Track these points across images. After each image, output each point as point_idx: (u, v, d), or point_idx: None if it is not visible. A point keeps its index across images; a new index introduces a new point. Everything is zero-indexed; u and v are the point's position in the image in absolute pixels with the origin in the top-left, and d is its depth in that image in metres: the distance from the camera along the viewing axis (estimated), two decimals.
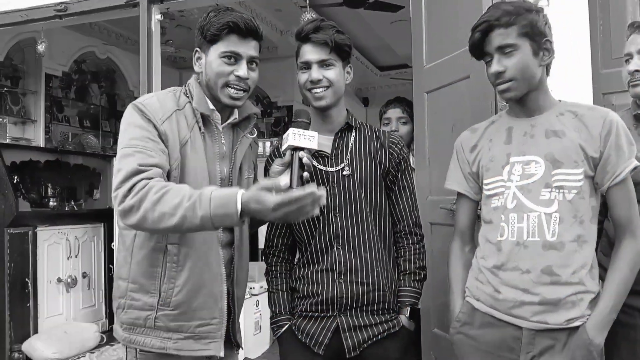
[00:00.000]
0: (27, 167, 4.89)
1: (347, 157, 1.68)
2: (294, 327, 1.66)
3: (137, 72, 6.25)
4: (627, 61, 1.74)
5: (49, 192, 4.97)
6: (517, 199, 1.44)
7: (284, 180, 1.46)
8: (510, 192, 1.46)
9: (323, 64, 1.62)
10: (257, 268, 4.10)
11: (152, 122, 1.45)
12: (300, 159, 1.47)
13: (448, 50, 2.25)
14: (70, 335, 4.08)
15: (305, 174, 1.48)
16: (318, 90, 1.63)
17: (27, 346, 3.91)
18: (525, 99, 1.48)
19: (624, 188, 1.41)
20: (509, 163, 1.48)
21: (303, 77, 1.65)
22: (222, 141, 1.59)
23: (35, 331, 4.09)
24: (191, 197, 1.27)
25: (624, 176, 1.40)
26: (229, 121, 1.62)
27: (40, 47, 3.83)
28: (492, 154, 1.52)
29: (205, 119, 1.55)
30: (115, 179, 1.37)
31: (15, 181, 4.42)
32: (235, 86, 1.52)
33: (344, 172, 1.66)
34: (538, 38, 1.42)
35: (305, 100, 1.69)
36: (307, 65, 1.63)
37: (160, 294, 1.48)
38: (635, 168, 1.41)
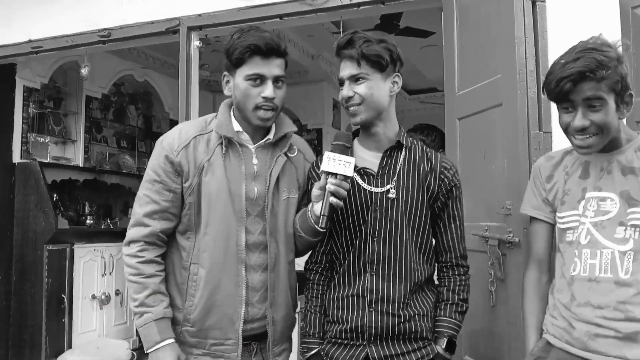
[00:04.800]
0: (66, 186, 5.06)
1: (395, 178, 1.59)
2: (322, 353, 1.60)
3: (172, 94, 6.48)
4: None
5: (86, 210, 5.13)
6: (591, 234, 1.41)
7: (317, 208, 1.50)
8: (584, 228, 1.42)
9: (353, 79, 1.55)
10: None
11: (169, 155, 1.57)
12: (332, 192, 1.45)
13: (480, 77, 2.27)
14: (102, 351, 4.17)
15: (335, 200, 1.46)
16: (351, 107, 1.57)
17: None
18: None
19: None
20: (584, 198, 1.44)
21: (339, 94, 1.60)
22: (254, 161, 1.61)
23: (70, 346, 4.19)
24: (148, 310, 1.53)
25: None
26: (262, 141, 1.63)
27: (84, 71, 3.99)
28: (568, 187, 1.49)
29: (230, 140, 1.58)
30: (131, 219, 1.62)
31: (54, 199, 4.58)
32: (263, 107, 1.54)
33: (390, 195, 1.58)
34: (623, 92, 1.37)
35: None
36: (341, 82, 1.59)
37: (184, 310, 1.58)
38: None
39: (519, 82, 2.02)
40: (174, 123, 6.67)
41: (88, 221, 5.03)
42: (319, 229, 1.52)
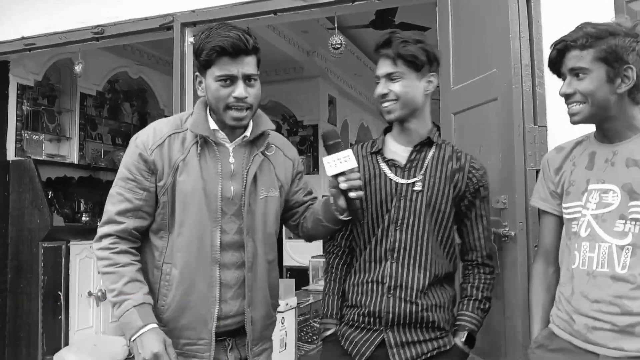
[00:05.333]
0: (61, 183, 5.05)
1: (422, 172, 1.63)
2: (339, 333, 1.65)
3: (167, 91, 6.46)
4: None
5: (82, 208, 5.12)
6: (591, 227, 1.41)
7: (342, 203, 1.52)
8: (585, 220, 1.43)
9: (389, 77, 1.60)
10: (283, 285, 4.13)
11: (143, 153, 1.54)
12: (345, 190, 1.47)
13: (475, 72, 2.27)
14: (99, 348, 4.17)
15: (355, 194, 1.47)
16: (386, 104, 1.61)
17: (58, 358, 4.02)
18: (602, 126, 1.45)
19: None
20: (587, 190, 1.44)
21: (375, 91, 1.64)
22: (231, 160, 1.59)
23: (66, 343, 4.20)
24: (124, 299, 1.48)
25: None
26: (237, 139, 1.61)
27: (77, 68, 3.98)
28: (574, 178, 1.49)
29: (205, 139, 1.56)
30: (103, 216, 1.59)
31: (49, 196, 4.57)
32: (235, 107, 1.51)
33: (415, 188, 1.62)
34: (617, 64, 1.37)
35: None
36: (377, 79, 1.63)
37: (156, 309, 1.54)
38: None
39: (514, 76, 2.02)
40: None
41: (83, 218, 5.02)
42: (343, 218, 1.58)
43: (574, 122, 1.47)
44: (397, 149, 1.68)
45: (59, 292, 4.17)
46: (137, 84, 6.31)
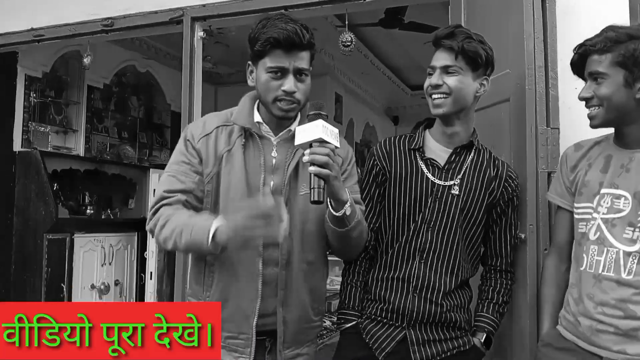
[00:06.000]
0: (67, 175, 5.05)
1: (459, 176, 1.62)
2: (361, 326, 1.63)
3: (174, 86, 6.45)
4: None
5: (87, 200, 5.12)
6: (601, 231, 1.42)
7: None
8: (595, 223, 1.43)
9: (446, 70, 1.55)
10: None
11: (190, 141, 1.56)
12: (309, 162, 1.35)
13: None
14: None
15: (313, 168, 1.34)
16: (437, 96, 1.57)
17: None
18: (622, 130, 1.45)
19: None
20: (599, 193, 1.45)
21: (427, 81, 1.60)
22: (274, 154, 1.56)
23: None
24: (184, 224, 1.41)
25: None
26: (282, 133, 1.58)
27: (86, 60, 3.97)
28: (588, 178, 1.49)
29: (249, 131, 1.55)
30: (152, 200, 1.55)
31: (55, 188, 4.57)
32: (284, 100, 1.49)
33: (453, 191, 1.60)
34: (636, 69, 1.36)
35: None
36: (432, 70, 1.59)
37: (203, 300, 1.54)
38: None
39: (528, 77, 2.00)
40: (175, 115, 6.68)
41: (88, 211, 5.02)
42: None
43: (592, 126, 1.47)
44: (437, 149, 1.65)
45: (62, 284, 4.17)
46: (145, 78, 6.31)
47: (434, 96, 1.58)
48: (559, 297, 1.57)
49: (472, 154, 1.65)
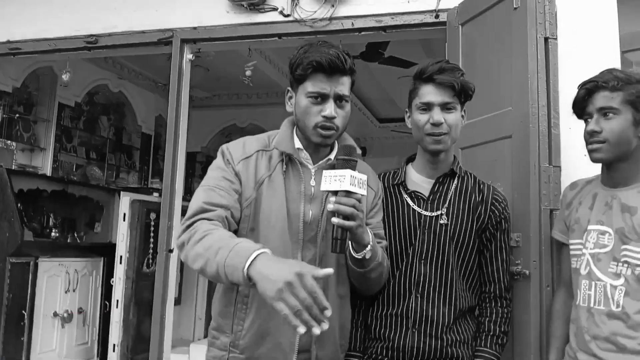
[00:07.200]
0: (32, 195, 4.81)
1: (445, 205, 1.61)
2: None
3: (146, 107, 6.33)
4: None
5: (51, 222, 4.88)
6: (590, 266, 1.49)
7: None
8: (585, 258, 1.51)
9: (445, 107, 1.54)
10: None
11: (230, 162, 1.48)
12: (332, 211, 1.32)
13: (486, 109, 2.29)
14: None
15: (336, 220, 1.31)
16: (439, 134, 1.55)
17: None
18: (612, 167, 1.52)
19: None
20: (587, 229, 1.53)
21: (423, 118, 1.56)
22: (312, 182, 1.51)
23: None
24: (222, 243, 1.26)
25: None
26: (320, 162, 1.54)
27: (65, 77, 3.84)
28: (578, 216, 1.58)
29: (290, 158, 1.51)
30: (187, 213, 1.42)
31: (19, 209, 4.33)
32: (323, 126, 1.45)
33: (441, 221, 1.59)
34: None
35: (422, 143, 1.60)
36: (428, 107, 1.55)
37: (232, 335, 1.45)
38: None
39: (531, 115, 2.04)
40: (145, 136, 6.54)
41: (53, 234, 4.77)
42: (355, 255, 1.42)
43: (594, 160, 1.53)
44: (420, 180, 1.65)
45: (24, 312, 3.91)
46: (116, 98, 6.15)
47: (436, 134, 1.55)
48: (565, 330, 1.62)
49: (455, 182, 1.65)
